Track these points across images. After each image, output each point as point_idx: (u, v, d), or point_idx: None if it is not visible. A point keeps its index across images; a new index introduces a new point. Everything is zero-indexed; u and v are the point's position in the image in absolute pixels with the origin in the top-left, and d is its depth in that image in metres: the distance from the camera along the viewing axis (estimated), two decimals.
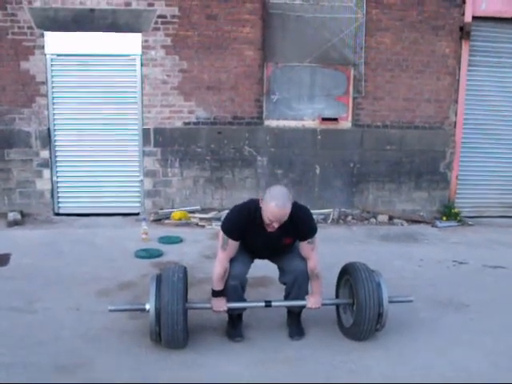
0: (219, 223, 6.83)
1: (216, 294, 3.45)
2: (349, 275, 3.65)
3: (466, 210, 7.90)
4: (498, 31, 7.65)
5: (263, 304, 3.52)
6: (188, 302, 3.47)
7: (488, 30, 7.65)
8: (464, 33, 7.45)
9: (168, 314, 3.20)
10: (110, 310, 3.51)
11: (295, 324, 3.70)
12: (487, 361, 3.38)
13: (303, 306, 3.59)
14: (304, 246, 3.45)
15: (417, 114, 7.62)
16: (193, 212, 7.22)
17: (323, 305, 3.58)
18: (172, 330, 3.23)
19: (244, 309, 3.67)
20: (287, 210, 3.13)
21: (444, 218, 7.58)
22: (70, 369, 3.15)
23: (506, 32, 7.65)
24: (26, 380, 3.00)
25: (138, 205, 7.42)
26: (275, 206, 3.08)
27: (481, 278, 5.13)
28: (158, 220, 7.09)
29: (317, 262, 3.48)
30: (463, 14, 7.41)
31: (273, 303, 3.54)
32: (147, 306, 3.30)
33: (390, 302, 3.52)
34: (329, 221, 7.29)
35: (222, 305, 3.44)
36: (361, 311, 3.42)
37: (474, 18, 7.44)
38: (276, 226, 3.18)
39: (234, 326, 3.66)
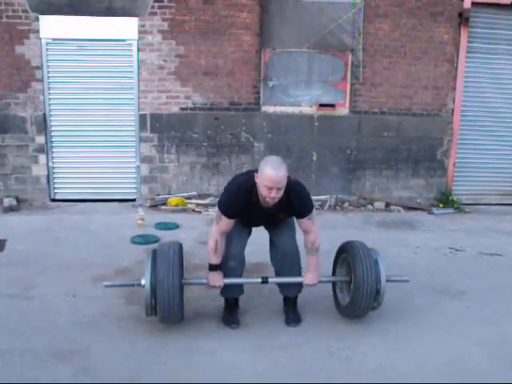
0: (216, 209, 6.86)
1: (212, 268, 3.44)
2: (346, 253, 3.64)
3: (464, 198, 7.92)
4: (497, 17, 7.61)
5: (260, 280, 3.51)
6: (184, 278, 3.45)
7: (487, 17, 7.61)
8: (463, 19, 7.41)
9: (164, 288, 3.18)
10: (106, 286, 3.53)
11: (291, 311, 3.70)
12: (482, 348, 3.39)
13: (300, 283, 3.58)
14: (303, 222, 3.43)
15: (414, 101, 7.60)
16: (189, 198, 7.20)
17: (320, 282, 3.57)
18: (168, 305, 3.21)
19: (241, 291, 3.67)
20: (283, 173, 3.07)
21: (441, 206, 7.59)
22: (66, 355, 3.14)
23: (504, 18, 7.61)
24: (22, 367, 3.00)
25: (134, 191, 7.40)
26: (271, 168, 3.05)
27: (477, 266, 5.14)
28: (155, 206, 7.08)
29: (317, 235, 3.48)
30: (462, 0, 7.36)
31: (269, 279, 3.53)
32: (143, 281, 3.29)
33: (388, 281, 3.51)
34: (326, 207, 7.29)
35: (218, 279, 3.42)
36: (358, 288, 3.40)
37: (474, 3, 7.40)
38: (273, 195, 3.10)
39: (231, 312, 3.66)
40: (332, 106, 7.48)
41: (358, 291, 3.42)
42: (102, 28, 6.93)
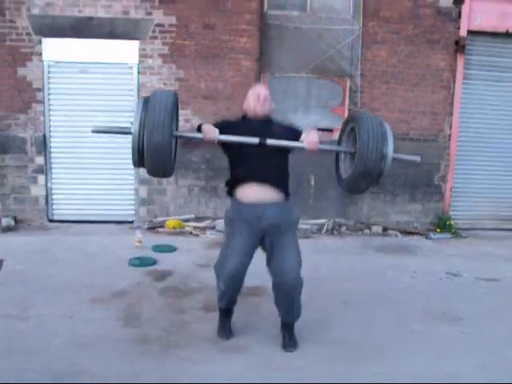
0: (213, 232, 6.90)
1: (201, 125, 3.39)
2: (354, 123, 3.36)
3: (461, 222, 7.94)
4: (493, 45, 7.75)
5: (257, 141, 3.29)
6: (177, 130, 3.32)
7: (483, 44, 7.74)
8: (459, 47, 7.54)
9: (153, 135, 2.95)
10: (93, 131, 3.31)
11: (288, 335, 3.66)
12: (479, 374, 3.38)
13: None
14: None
15: (412, 126, 7.68)
16: (187, 220, 7.22)
17: (322, 150, 3.37)
18: (157, 155, 2.99)
19: (234, 301, 3.63)
20: (266, 88, 3.53)
21: (438, 230, 7.61)
22: (64, 376, 3.12)
23: (500, 46, 7.75)
24: None
25: (132, 212, 7.41)
26: (255, 87, 3.58)
27: (474, 291, 5.13)
28: (153, 228, 7.09)
29: None
30: (458, 28, 7.50)
31: (268, 141, 3.30)
32: (132, 129, 3.05)
33: (395, 159, 3.27)
34: (323, 231, 7.31)
35: (213, 131, 3.28)
36: (362, 159, 3.16)
37: (470, 32, 7.53)
38: (262, 102, 3.42)
39: (223, 325, 3.68)
40: (330, 130, 7.55)
41: (361, 163, 3.17)
42: (104, 51, 7.03)
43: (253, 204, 3.38)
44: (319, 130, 7.38)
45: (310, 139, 3.30)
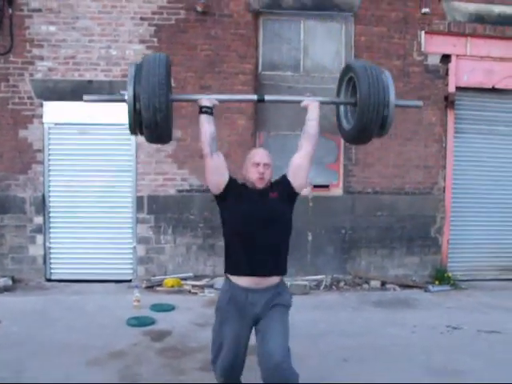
0: (212, 290, 6.88)
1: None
2: (352, 72, 3.27)
3: (459, 274, 7.92)
4: (481, 100, 7.99)
5: (255, 97, 3.23)
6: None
7: (471, 100, 7.98)
8: (449, 102, 7.76)
9: (150, 99, 2.88)
10: (85, 100, 3.22)
11: None
12: None
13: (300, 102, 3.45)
14: (295, 157, 3.35)
15: (406, 180, 7.79)
16: (185, 279, 7.20)
17: (322, 103, 3.37)
18: (155, 120, 2.93)
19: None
20: (267, 152, 3.29)
21: (437, 283, 7.59)
22: None
23: (487, 101, 7.99)
24: None
25: (130, 271, 7.40)
26: (254, 148, 3.40)
27: (475, 344, 5.10)
28: (151, 287, 7.07)
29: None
30: (447, 85, 7.74)
31: (265, 97, 3.30)
32: (125, 96, 2.98)
33: (397, 105, 3.23)
34: (321, 287, 7.28)
35: (209, 98, 3.22)
36: (363, 108, 3.09)
37: (458, 88, 7.77)
38: (261, 170, 3.17)
39: None
40: (326, 186, 7.65)
41: (363, 112, 3.10)
42: (103, 113, 7.18)
43: (248, 289, 3.10)
44: (315, 186, 7.56)
45: (308, 102, 3.41)
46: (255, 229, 3.07)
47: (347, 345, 4.83)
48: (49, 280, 7.31)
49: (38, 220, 7.24)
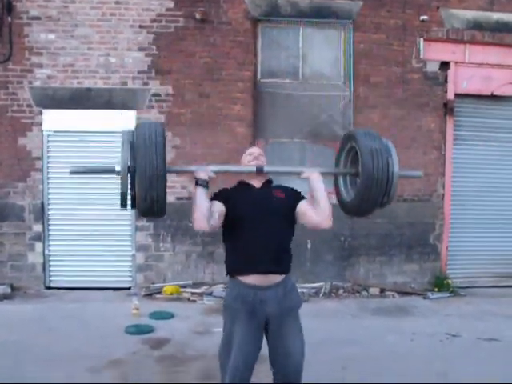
0: (211, 298, 6.87)
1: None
2: (354, 142, 3.12)
3: (458, 281, 7.90)
4: (480, 107, 7.99)
5: (254, 169, 3.10)
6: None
7: (470, 106, 7.98)
8: (448, 109, 7.76)
9: (146, 173, 2.65)
10: (72, 172, 3.02)
11: None
12: None
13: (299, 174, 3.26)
14: (303, 204, 3.14)
15: (405, 188, 7.75)
16: (184, 287, 7.19)
17: (323, 173, 3.18)
18: (151, 195, 2.69)
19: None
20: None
21: (436, 290, 7.58)
22: None
23: (486, 108, 7.99)
24: None
25: (129, 279, 7.39)
26: (247, 149, 3.34)
27: (475, 352, 5.09)
28: (150, 294, 7.06)
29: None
30: (446, 92, 7.75)
31: (265, 168, 3.14)
32: (117, 168, 2.77)
33: (401, 176, 3.09)
34: (320, 295, 7.27)
35: (205, 170, 3.05)
36: (367, 181, 2.92)
37: (457, 95, 7.77)
38: (256, 155, 3.18)
39: None
40: None
41: (366, 185, 2.94)
42: (102, 120, 7.22)
43: (255, 287, 3.04)
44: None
45: (309, 174, 3.17)
46: (258, 223, 3.03)
47: (346, 353, 4.80)
48: (48, 288, 7.31)
49: (37, 228, 7.24)
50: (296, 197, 3.18)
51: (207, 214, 2.94)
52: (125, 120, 7.20)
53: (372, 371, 4.44)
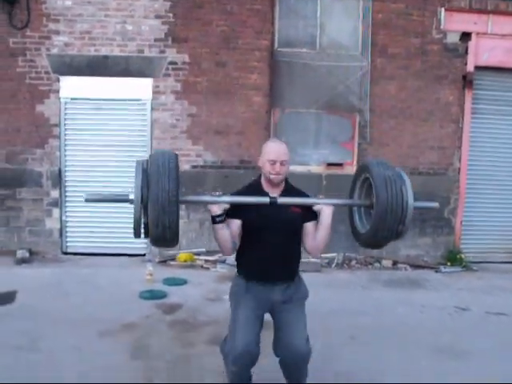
0: (224, 265, 6.94)
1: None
2: (368, 173, 3.06)
3: (471, 256, 7.89)
4: (500, 80, 7.85)
5: (268, 200, 3.03)
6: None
7: (490, 79, 7.85)
8: (467, 82, 7.64)
9: (159, 202, 2.63)
10: (87, 200, 3.02)
11: None
12: None
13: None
14: (309, 227, 3.16)
15: (421, 161, 7.72)
16: (198, 254, 7.28)
17: (335, 205, 3.17)
18: (163, 224, 2.66)
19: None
20: (285, 147, 3.09)
21: (448, 264, 7.58)
22: None
23: (507, 81, 7.84)
24: None
25: (144, 246, 7.48)
26: (272, 141, 3.26)
27: (483, 326, 5.12)
28: (164, 261, 7.17)
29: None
30: (466, 64, 7.61)
31: (278, 200, 3.05)
32: (131, 196, 2.75)
33: (416, 207, 2.99)
34: (333, 265, 7.32)
35: (219, 203, 2.97)
36: (381, 213, 2.86)
37: (477, 67, 7.63)
38: (277, 169, 3.04)
39: None
40: (340, 165, 7.64)
41: (380, 217, 2.88)
42: (118, 88, 7.24)
43: (262, 283, 3.14)
44: (329, 164, 7.54)
45: (321, 206, 3.11)
46: (270, 235, 3.06)
47: (356, 323, 4.87)
48: (65, 253, 7.44)
49: (55, 194, 7.34)
50: (310, 216, 3.16)
51: (231, 243, 3.02)
52: (141, 88, 7.23)
53: (380, 341, 4.49)
